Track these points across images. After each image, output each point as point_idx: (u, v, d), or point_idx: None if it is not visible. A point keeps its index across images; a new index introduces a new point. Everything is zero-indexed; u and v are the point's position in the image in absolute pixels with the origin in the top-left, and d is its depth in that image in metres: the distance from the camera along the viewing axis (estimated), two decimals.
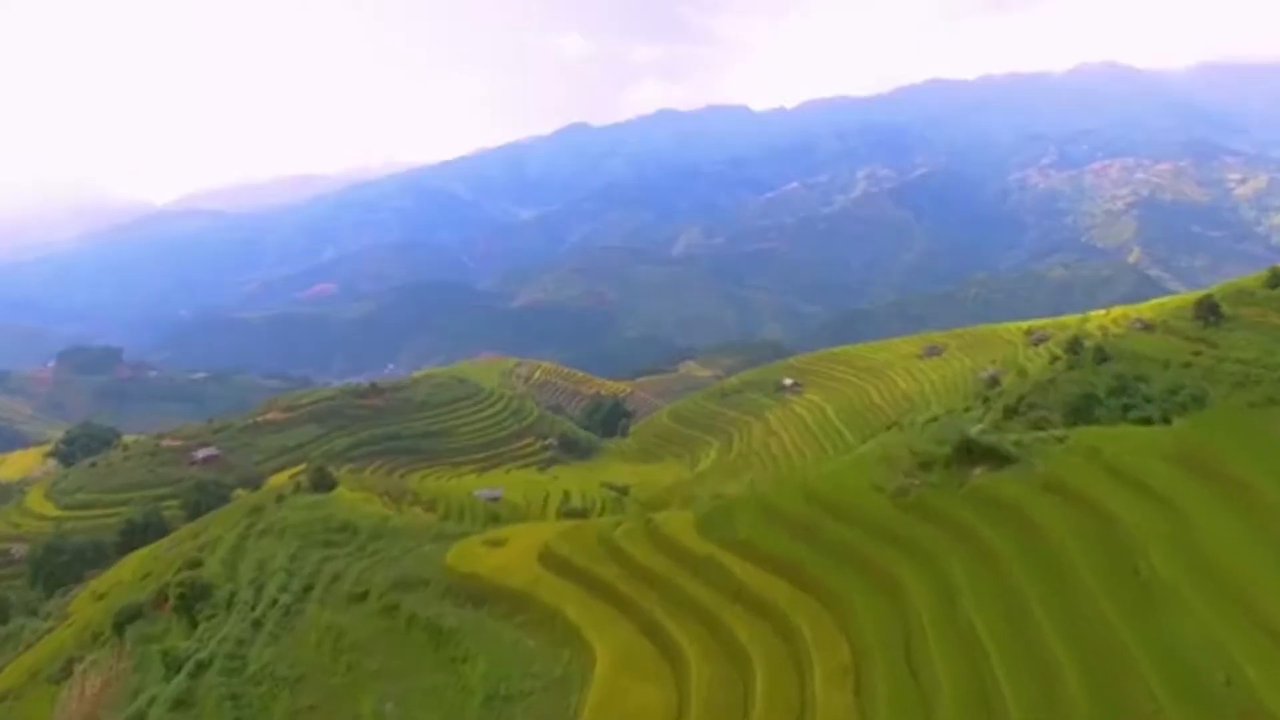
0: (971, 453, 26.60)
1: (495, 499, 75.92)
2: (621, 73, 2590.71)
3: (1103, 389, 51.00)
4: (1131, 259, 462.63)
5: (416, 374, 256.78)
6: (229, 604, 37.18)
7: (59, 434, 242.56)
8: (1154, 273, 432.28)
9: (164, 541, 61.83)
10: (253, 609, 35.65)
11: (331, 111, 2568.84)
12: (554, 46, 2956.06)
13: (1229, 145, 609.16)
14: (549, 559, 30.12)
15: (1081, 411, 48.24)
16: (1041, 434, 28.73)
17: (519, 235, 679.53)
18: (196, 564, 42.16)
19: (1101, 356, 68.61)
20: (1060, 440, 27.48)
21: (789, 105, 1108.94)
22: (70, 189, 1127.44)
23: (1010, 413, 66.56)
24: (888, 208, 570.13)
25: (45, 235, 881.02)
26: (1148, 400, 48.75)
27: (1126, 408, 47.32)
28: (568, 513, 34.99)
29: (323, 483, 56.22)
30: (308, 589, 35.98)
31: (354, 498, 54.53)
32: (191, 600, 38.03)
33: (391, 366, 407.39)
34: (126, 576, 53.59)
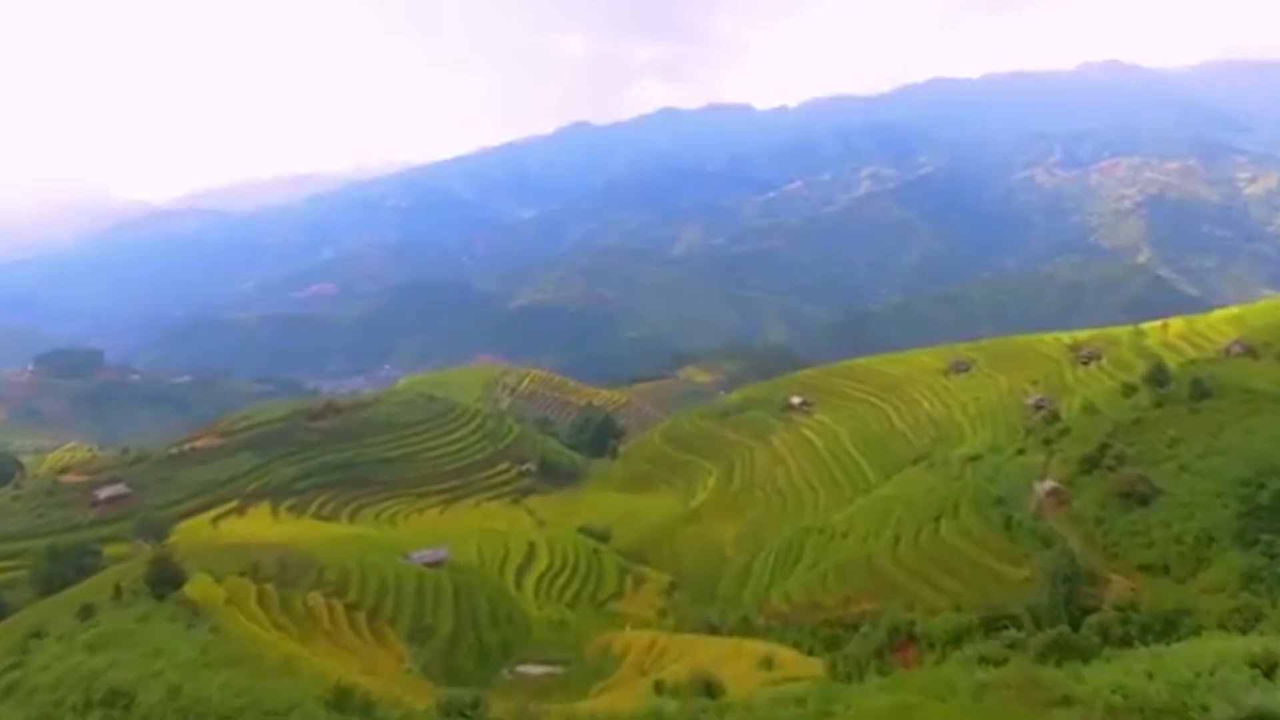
0: None
1: (438, 563, 61.16)
2: (622, 72, 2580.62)
3: None
4: (1141, 259, 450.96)
5: (399, 383, 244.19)
6: None
7: (27, 443, 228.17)
8: (1164, 273, 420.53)
9: None
10: None
11: (332, 111, 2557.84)
12: (554, 46, 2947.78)
13: (1235, 144, 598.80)
14: None
15: (1270, 515, 32.00)
16: None
17: (519, 235, 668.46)
18: None
19: (1200, 390, 54.02)
20: None
21: (791, 104, 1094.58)
22: (70, 188, 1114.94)
23: (1090, 465, 51.99)
24: (891, 207, 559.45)
25: (44, 235, 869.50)
26: None
27: None
28: (446, 708, 20.94)
29: (165, 578, 40.84)
30: None
31: (208, 599, 39.82)
32: None
33: (388, 368, 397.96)
34: None
